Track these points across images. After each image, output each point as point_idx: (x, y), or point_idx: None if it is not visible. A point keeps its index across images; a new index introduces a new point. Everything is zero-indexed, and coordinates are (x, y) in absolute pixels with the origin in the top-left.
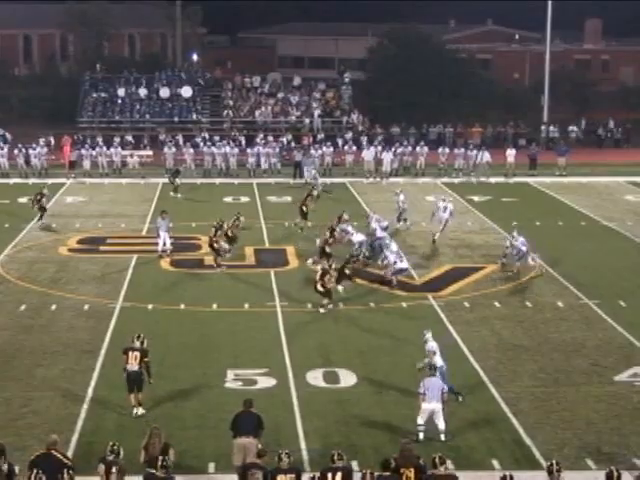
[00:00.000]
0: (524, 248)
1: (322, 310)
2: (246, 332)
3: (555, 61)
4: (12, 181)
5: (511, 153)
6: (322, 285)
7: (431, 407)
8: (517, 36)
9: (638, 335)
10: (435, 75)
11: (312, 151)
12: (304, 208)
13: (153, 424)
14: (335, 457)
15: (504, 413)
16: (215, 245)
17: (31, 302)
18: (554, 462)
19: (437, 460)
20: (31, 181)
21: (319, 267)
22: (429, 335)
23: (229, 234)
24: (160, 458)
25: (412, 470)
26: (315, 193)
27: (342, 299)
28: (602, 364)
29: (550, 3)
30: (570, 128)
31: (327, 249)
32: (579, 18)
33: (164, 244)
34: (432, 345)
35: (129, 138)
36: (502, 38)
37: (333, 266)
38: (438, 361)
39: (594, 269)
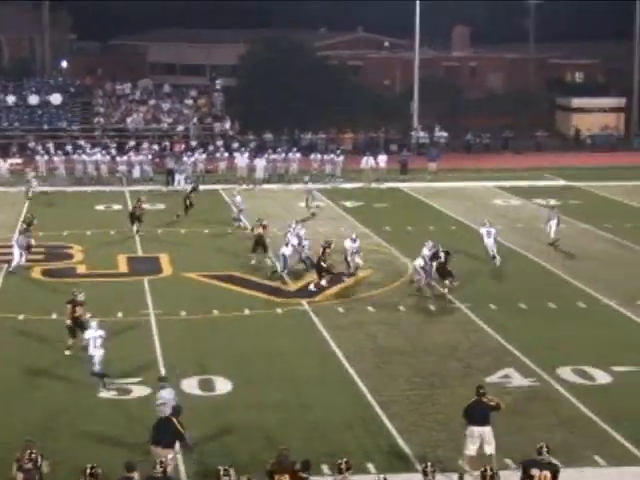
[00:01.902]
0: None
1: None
2: (120, 341)
3: (424, 68)
4: None
5: (382, 159)
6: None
7: None
8: (387, 43)
9: (508, 337)
10: (307, 81)
11: (185, 158)
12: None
13: (27, 437)
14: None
15: (379, 417)
16: (323, 265)
17: None
18: (429, 464)
19: (343, 465)
20: None
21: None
22: None
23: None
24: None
25: (287, 476)
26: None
27: (218, 307)
28: (474, 366)
29: (418, 10)
30: (439, 134)
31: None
32: (447, 26)
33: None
34: None
35: None
36: (373, 45)
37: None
38: None
39: (466, 273)
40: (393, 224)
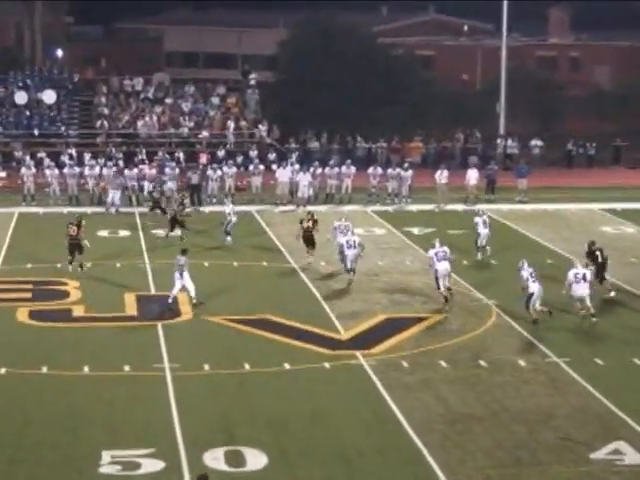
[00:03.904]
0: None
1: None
2: (127, 402)
3: (513, 59)
4: None
5: (473, 175)
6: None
7: None
8: (466, 28)
9: (619, 402)
10: (363, 76)
11: (210, 172)
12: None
13: None
14: None
15: None
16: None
17: None
18: None
19: None
20: None
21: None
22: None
23: None
24: None
25: None
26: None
27: (250, 360)
28: (575, 438)
29: None
30: (532, 142)
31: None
32: (542, 6)
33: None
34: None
35: None
36: (447, 30)
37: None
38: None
39: (566, 320)
40: (471, 254)
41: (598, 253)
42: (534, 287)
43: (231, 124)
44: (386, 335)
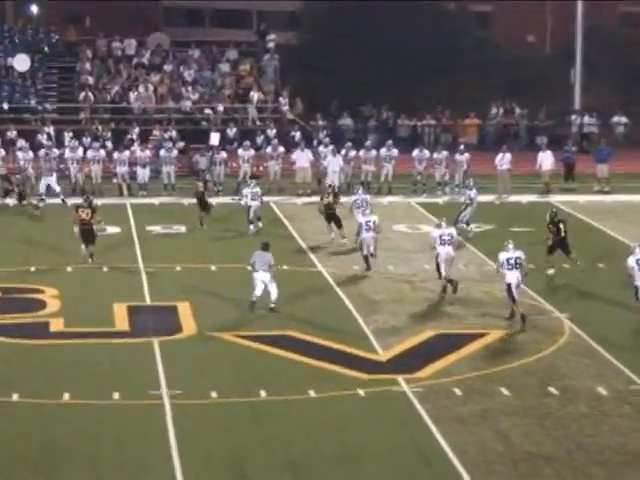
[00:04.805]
0: None
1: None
2: (115, 437)
3: (591, 16)
4: None
5: (546, 158)
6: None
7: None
8: None
9: None
10: (406, 38)
11: (219, 155)
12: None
13: None
14: None
15: None
16: None
17: None
18: None
19: None
20: None
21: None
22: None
23: None
24: None
25: None
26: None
27: (267, 385)
28: None
29: None
30: (615, 119)
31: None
32: None
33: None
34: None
35: None
36: None
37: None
38: None
39: None
40: (541, 260)
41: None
42: None
43: (254, 95)
44: (434, 356)
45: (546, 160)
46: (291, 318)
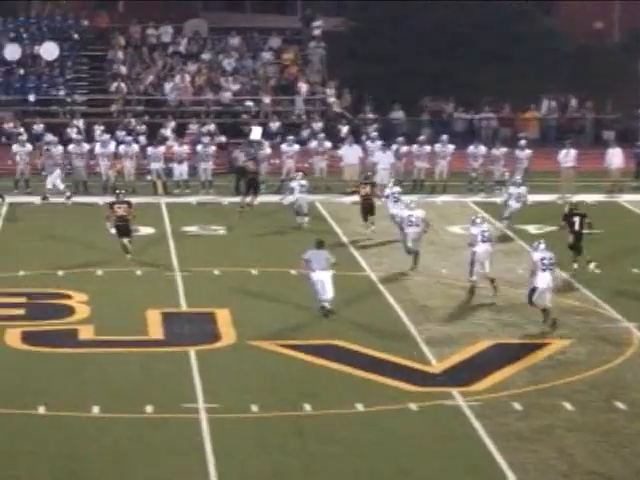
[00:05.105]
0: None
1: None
2: (148, 453)
3: None
4: None
5: (616, 155)
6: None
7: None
8: None
9: None
10: (463, 25)
11: (262, 150)
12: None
13: None
14: None
15: None
16: None
17: None
18: None
19: None
20: None
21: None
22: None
23: None
24: None
25: None
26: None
27: (311, 398)
28: None
29: None
30: None
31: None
32: None
33: None
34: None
35: None
36: None
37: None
38: None
39: None
40: (609, 265)
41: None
42: None
43: (303, 87)
44: (492, 367)
45: (616, 157)
46: (337, 326)
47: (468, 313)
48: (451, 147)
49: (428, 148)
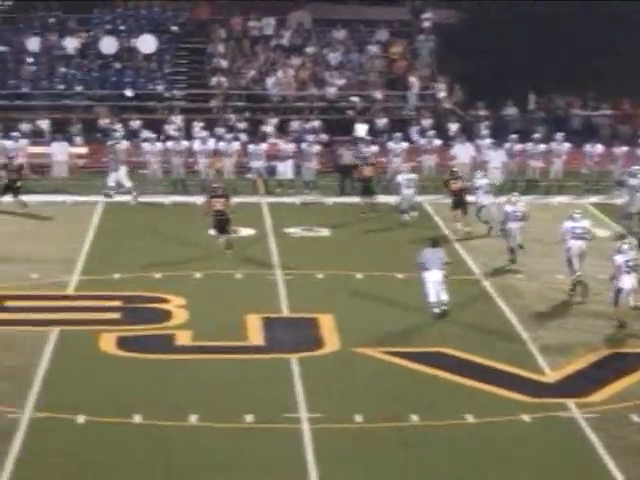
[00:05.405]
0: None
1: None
2: (248, 464)
3: None
4: None
5: None
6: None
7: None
8: None
9: None
10: (583, 14)
11: (367, 148)
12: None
13: None
14: None
15: None
16: None
17: None
18: None
19: None
20: None
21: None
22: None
23: None
24: None
25: None
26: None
27: (419, 408)
28: None
29: None
30: None
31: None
32: None
33: None
34: None
35: (44, 125)
36: None
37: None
38: None
39: None
40: None
41: None
42: None
43: (413, 81)
44: (610, 378)
45: None
46: (445, 332)
47: (584, 320)
48: (567, 145)
49: (543, 146)
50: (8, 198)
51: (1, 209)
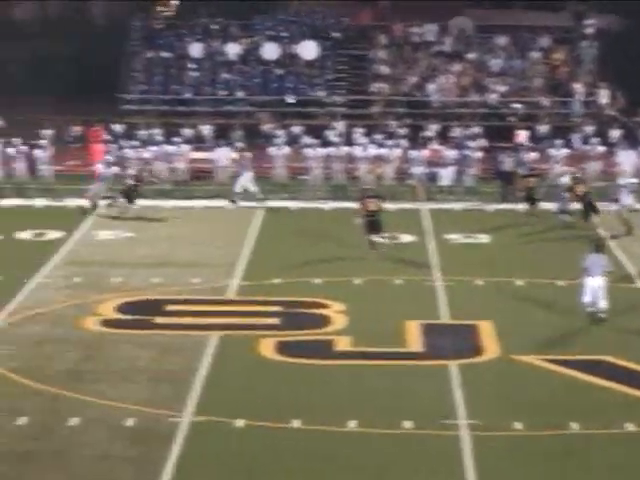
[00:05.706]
0: None
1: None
2: (406, 471)
3: None
4: (7, 202)
5: None
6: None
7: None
8: None
9: None
10: None
11: (522, 154)
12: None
13: None
14: None
15: None
16: None
17: (37, 412)
18: None
19: None
20: (38, 202)
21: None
22: None
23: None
24: None
25: None
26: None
27: (580, 416)
28: None
29: None
30: None
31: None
32: None
33: None
34: None
35: (206, 130)
36: None
37: None
38: None
39: None
40: None
41: None
42: None
43: (578, 88)
44: None
45: None
46: (607, 340)
47: None
48: None
49: None
50: (170, 202)
51: (161, 215)
